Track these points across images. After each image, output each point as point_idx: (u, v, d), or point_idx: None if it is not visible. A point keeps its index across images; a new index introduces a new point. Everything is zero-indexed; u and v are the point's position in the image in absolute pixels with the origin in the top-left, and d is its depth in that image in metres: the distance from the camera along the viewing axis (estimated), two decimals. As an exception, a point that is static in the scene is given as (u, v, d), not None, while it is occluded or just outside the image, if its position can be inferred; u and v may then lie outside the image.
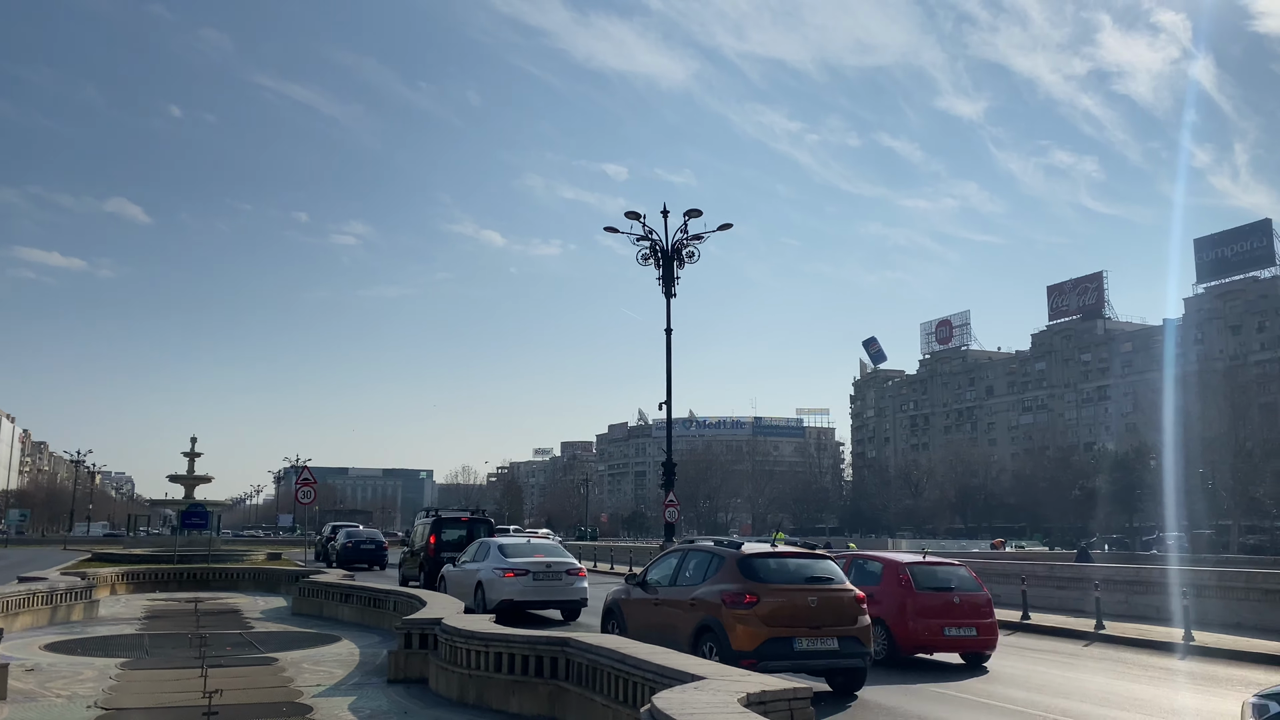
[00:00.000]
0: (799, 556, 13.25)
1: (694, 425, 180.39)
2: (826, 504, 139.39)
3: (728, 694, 6.71)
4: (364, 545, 40.16)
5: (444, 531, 26.29)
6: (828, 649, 11.94)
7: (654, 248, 28.51)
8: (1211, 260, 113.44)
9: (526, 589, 19.60)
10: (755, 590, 12.04)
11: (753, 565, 12.52)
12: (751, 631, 11.78)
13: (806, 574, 12.65)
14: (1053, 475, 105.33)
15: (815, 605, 12.09)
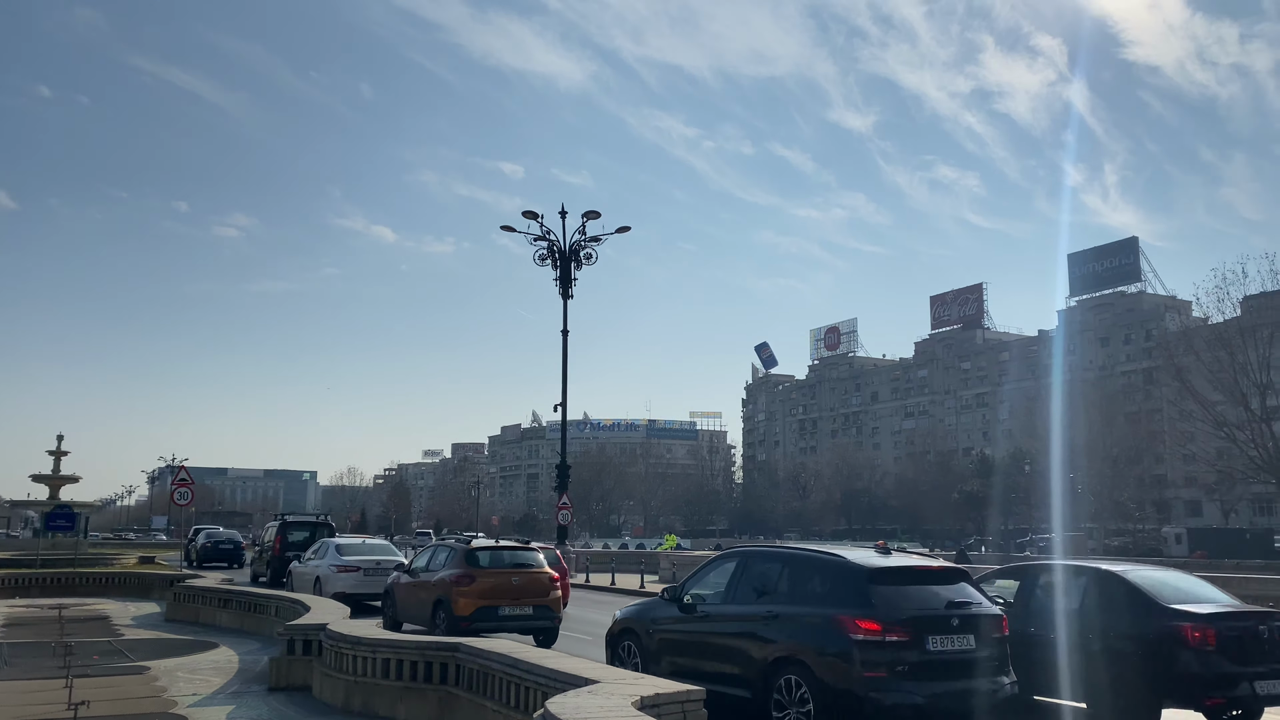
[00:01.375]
0: (512, 549, 18.26)
1: (588, 427, 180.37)
2: (718, 506, 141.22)
3: (621, 697, 6.69)
4: (222, 545, 43.36)
5: (289, 534, 29.54)
6: (525, 614, 16.51)
7: (552, 248, 28.39)
8: (1084, 275, 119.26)
9: (358, 583, 22.00)
10: (474, 573, 16.45)
11: (474, 555, 17.09)
12: (468, 602, 16.02)
13: (514, 561, 17.33)
14: (933, 479, 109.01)
15: (518, 583, 16.65)
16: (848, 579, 9.67)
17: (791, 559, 10.65)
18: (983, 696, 9.24)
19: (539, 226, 28.28)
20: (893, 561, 10.17)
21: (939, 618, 9.33)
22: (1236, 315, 56.32)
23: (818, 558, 10.43)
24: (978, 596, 9.94)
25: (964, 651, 9.29)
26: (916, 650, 9.02)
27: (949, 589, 9.77)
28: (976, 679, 9.28)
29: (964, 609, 9.53)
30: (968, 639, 9.33)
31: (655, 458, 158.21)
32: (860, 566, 9.73)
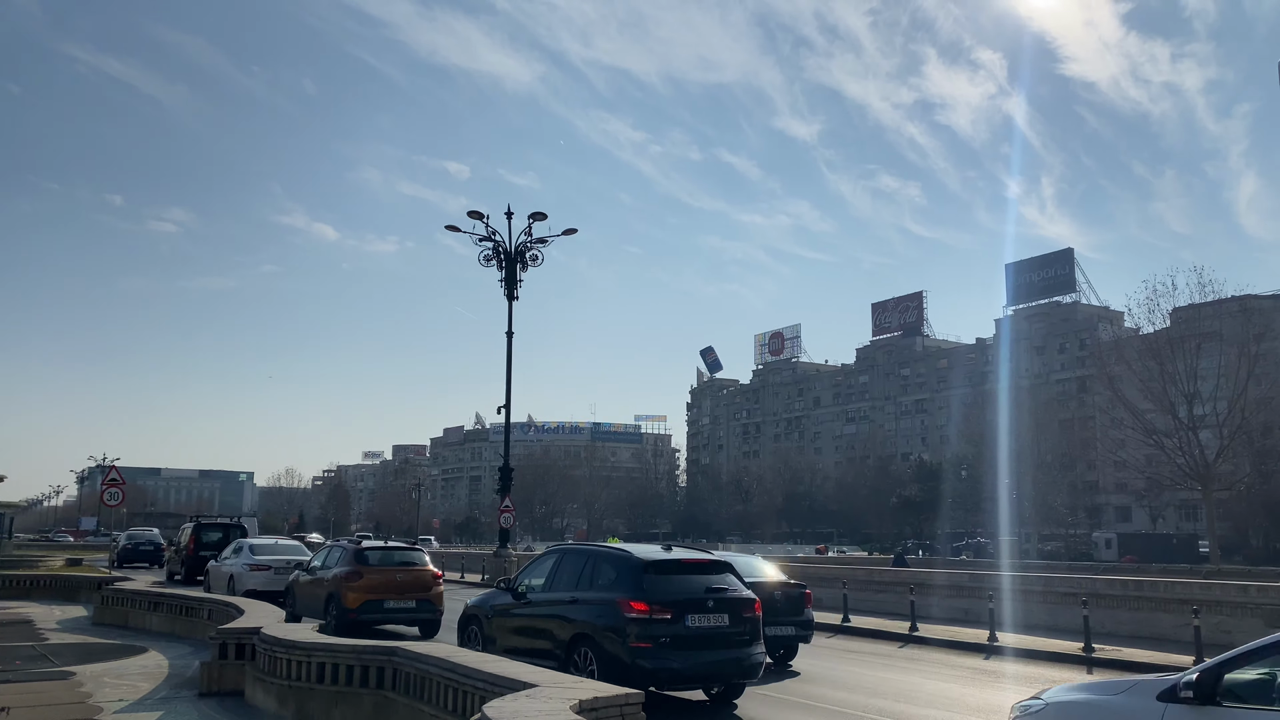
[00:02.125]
0: (398, 549, 20.38)
1: (532, 430, 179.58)
2: (661, 509, 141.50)
3: (560, 701, 6.67)
4: (143, 546, 44.85)
5: (203, 535, 31.15)
6: (408, 607, 18.22)
7: (497, 249, 28.22)
8: (1021, 285, 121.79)
9: (269, 580, 23.07)
10: (362, 570, 18.18)
11: (363, 554, 18.84)
12: (356, 596, 17.72)
13: (399, 560, 19.22)
14: (873, 483, 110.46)
15: (402, 579, 18.40)
16: (627, 570, 11.72)
17: (593, 554, 12.67)
18: (733, 664, 11.43)
19: (484, 227, 28.11)
20: (666, 555, 12.19)
21: (698, 600, 11.42)
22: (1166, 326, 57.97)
23: (610, 553, 12.55)
24: (736, 584, 11.99)
25: (719, 627, 11.39)
26: (678, 626, 11.11)
27: (712, 578, 11.88)
28: (729, 650, 11.41)
29: (720, 593, 11.63)
30: (722, 617, 11.44)
31: (600, 461, 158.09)
32: (638, 560, 11.80)
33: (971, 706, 12.69)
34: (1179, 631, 18.31)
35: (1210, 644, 16.76)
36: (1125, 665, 16.59)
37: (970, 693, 13.92)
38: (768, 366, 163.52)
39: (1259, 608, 18.48)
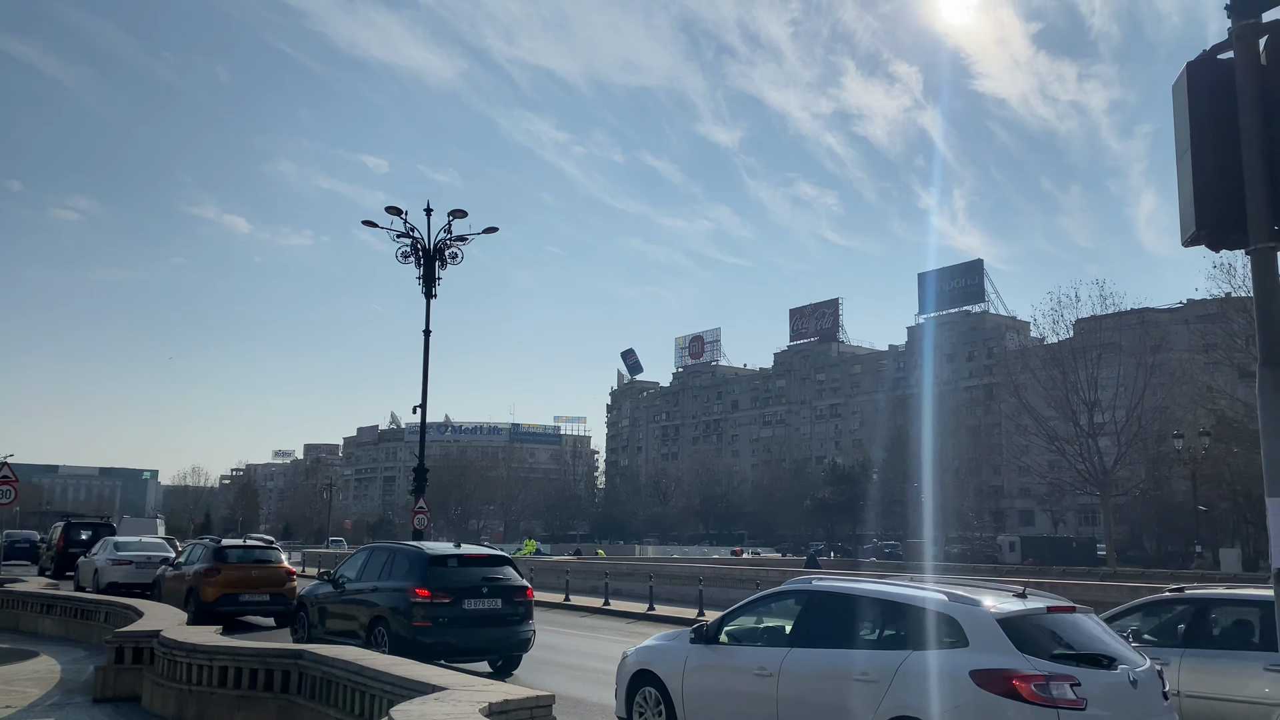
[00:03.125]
0: (255, 548, 22.69)
1: (449, 430, 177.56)
2: (579, 511, 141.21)
3: (469, 704, 6.60)
4: (19, 544, 46.83)
5: (73, 533, 33.91)
6: (262, 600, 20.29)
7: (415, 246, 27.80)
8: (931, 293, 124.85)
9: (130, 574, 25.40)
10: (220, 567, 20.20)
11: (222, 552, 21.03)
12: (213, 590, 19.67)
13: (255, 557, 21.31)
14: (788, 486, 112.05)
15: (257, 575, 20.44)
16: (416, 563, 14.15)
17: (393, 550, 15.30)
18: (505, 640, 14.10)
19: (402, 223, 27.67)
20: (452, 551, 14.85)
21: (474, 587, 14.01)
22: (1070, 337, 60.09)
23: (405, 548, 15.14)
24: (512, 575, 14.71)
25: (493, 610, 14.04)
26: (456, 609, 13.65)
27: (490, 569, 14.54)
28: (502, 628, 14.07)
29: (495, 582, 14.29)
30: (496, 602, 14.09)
31: (518, 462, 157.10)
32: (426, 554, 14.35)
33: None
34: (1076, 631, 18.92)
35: (1105, 643, 17.40)
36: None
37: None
38: (688, 369, 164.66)
39: (1150, 608, 19.21)
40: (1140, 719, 7.23)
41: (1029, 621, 7.51)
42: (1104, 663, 7.34)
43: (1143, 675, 7.44)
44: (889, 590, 8.41)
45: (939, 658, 7.42)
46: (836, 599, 8.60)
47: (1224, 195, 4.88)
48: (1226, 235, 4.97)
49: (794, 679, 8.21)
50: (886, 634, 8.01)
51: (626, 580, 32.70)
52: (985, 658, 7.17)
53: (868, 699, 7.58)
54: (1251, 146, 4.78)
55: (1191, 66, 5.12)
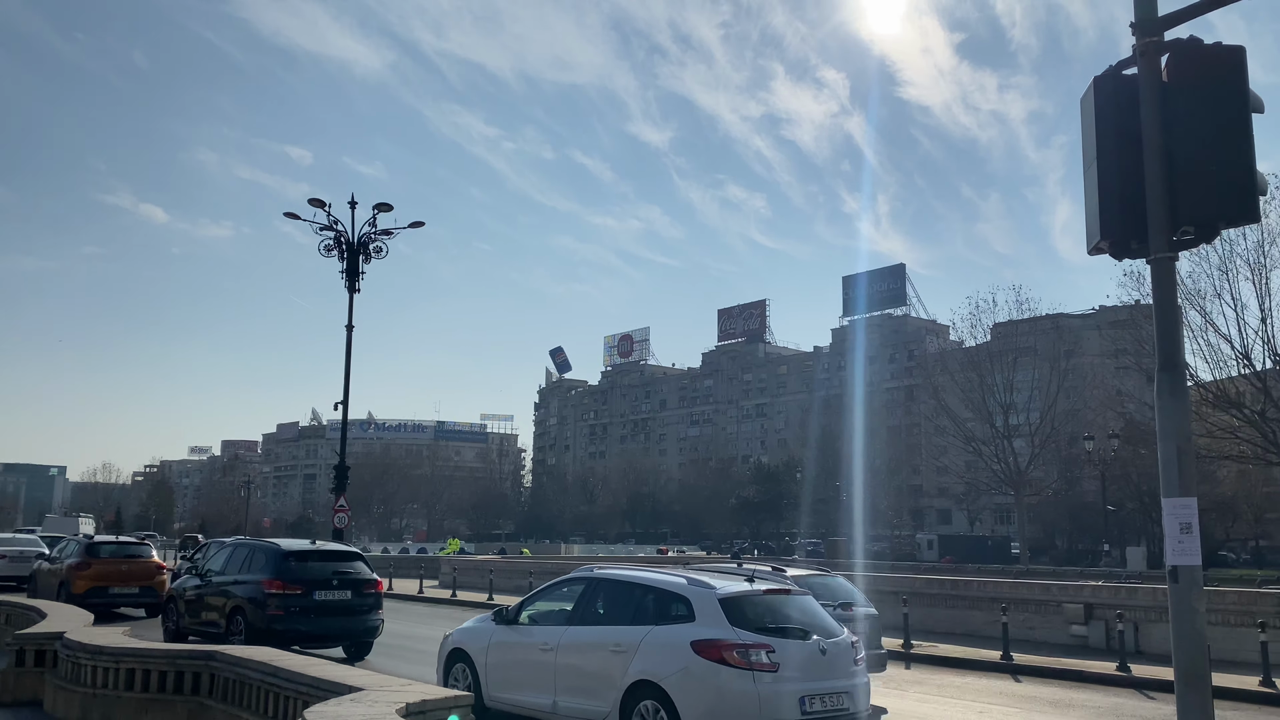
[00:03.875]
0: (126, 544, 24.20)
1: (373, 427, 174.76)
2: (505, 510, 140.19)
3: (386, 704, 6.52)
4: None
5: None
6: (131, 592, 21.78)
7: (339, 239, 27.34)
8: (855, 296, 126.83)
9: (5, 568, 26.56)
10: (90, 561, 21.65)
11: (94, 547, 22.55)
12: (84, 583, 21.01)
13: (126, 553, 22.82)
14: (714, 485, 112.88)
15: (126, 569, 21.91)
16: (272, 558, 15.60)
17: (254, 546, 16.87)
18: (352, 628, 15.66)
19: (326, 215, 27.18)
20: (307, 547, 16.67)
21: (325, 580, 15.45)
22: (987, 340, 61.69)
23: (263, 545, 16.69)
24: (361, 568, 16.24)
25: (342, 600, 15.52)
26: (307, 599, 15.11)
27: (342, 564, 16.09)
28: (352, 617, 15.60)
29: (346, 575, 15.76)
30: (346, 593, 15.58)
31: (442, 460, 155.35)
32: (281, 549, 15.87)
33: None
34: (989, 628, 19.48)
35: (1016, 639, 17.94)
36: (940, 661, 17.55)
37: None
38: (616, 368, 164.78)
39: (1059, 605, 19.87)
40: (825, 678, 9.00)
41: (746, 601, 9.26)
42: (799, 634, 9.12)
43: (833, 645, 9.22)
44: (646, 576, 10.22)
45: (672, 631, 9.16)
46: (607, 584, 10.30)
47: (1126, 206, 5.06)
48: (1128, 244, 5.16)
49: (568, 651, 9.91)
50: (639, 612, 9.70)
51: (543, 579, 32.54)
52: (704, 630, 8.91)
53: (620, 666, 9.27)
54: (1152, 159, 4.97)
55: (1098, 81, 5.31)
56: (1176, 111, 4.99)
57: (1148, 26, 5.20)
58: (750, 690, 8.54)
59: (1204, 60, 5.02)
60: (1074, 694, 14.26)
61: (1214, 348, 40.01)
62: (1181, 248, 5.10)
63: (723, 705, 8.61)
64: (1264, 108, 5.07)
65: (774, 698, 8.59)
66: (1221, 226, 5.06)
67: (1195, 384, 42.29)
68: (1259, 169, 4.98)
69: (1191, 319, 40.17)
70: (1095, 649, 18.40)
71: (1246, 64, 5.02)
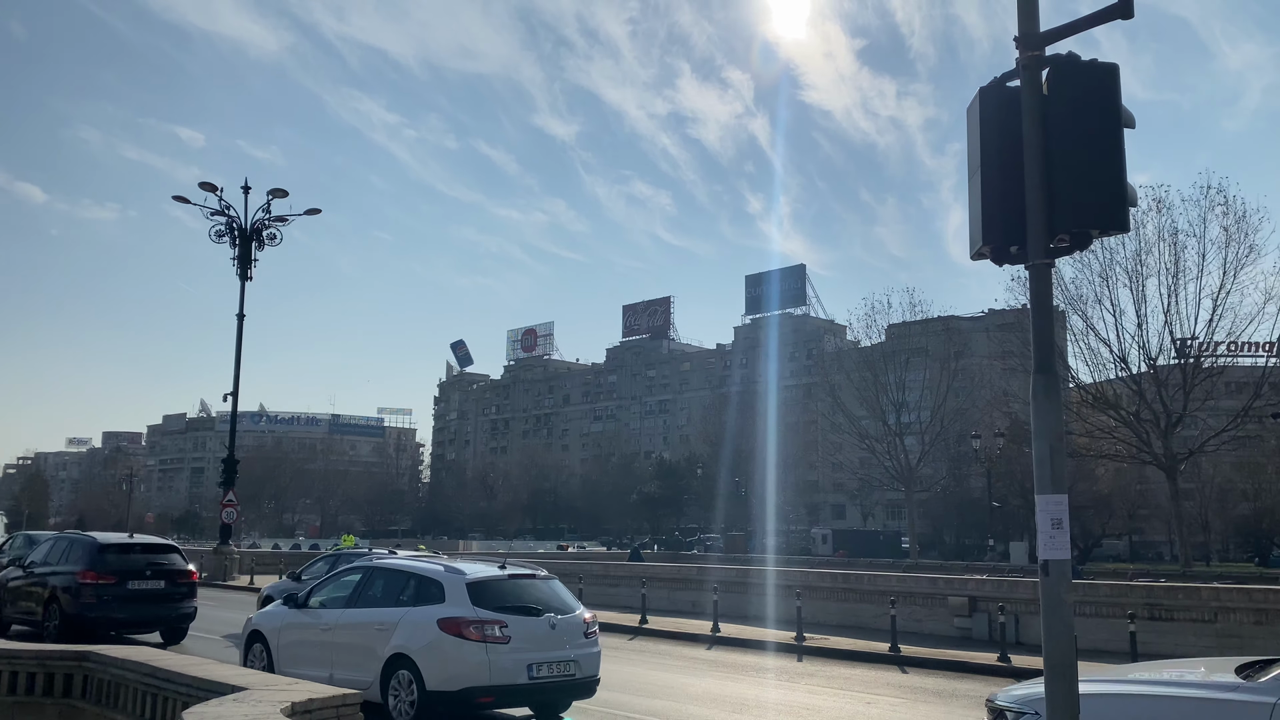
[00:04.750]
0: None
1: (264, 420, 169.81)
2: (402, 505, 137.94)
3: (270, 704, 6.35)
4: None
5: None
6: None
7: (231, 225, 26.50)
8: (758, 295, 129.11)
9: None
10: None
11: None
12: None
13: None
14: (616, 481, 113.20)
15: None
16: (89, 550, 16.90)
17: (73, 539, 18.23)
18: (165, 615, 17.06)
19: (218, 200, 26.32)
20: (123, 540, 17.99)
21: (138, 570, 16.83)
22: (882, 341, 63.39)
23: (82, 538, 18.02)
24: (175, 560, 17.69)
25: (155, 589, 16.87)
26: (120, 588, 16.42)
27: (157, 556, 17.58)
28: (164, 605, 16.98)
29: (159, 566, 17.17)
30: (159, 582, 16.95)
31: (338, 454, 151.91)
32: (97, 543, 17.14)
33: (693, 694, 13.27)
34: (879, 620, 20.03)
35: (905, 631, 18.50)
36: (831, 653, 17.97)
37: (689, 680, 14.56)
38: (519, 363, 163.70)
39: (944, 599, 20.54)
40: (554, 649, 10.58)
41: (490, 585, 10.87)
42: (533, 612, 10.75)
43: (564, 621, 10.86)
44: (410, 565, 11.89)
45: (425, 611, 10.64)
46: (380, 571, 11.88)
47: (1007, 213, 5.26)
48: (1008, 250, 5.36)
49: (343, 630, 11.42)
50: (402, 596, 11.17)
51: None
52: (450, 610, 10.45)
53: (381, 641, 10.77)
54: (1032, 169, 5.18)
55: (983, 92, 5.50)
56: (1055, 124, 5.20)
57: (1030, 41, 5.40)
58: (483, 659, 10.17)
59: (1081, 75, 5.24)
60: (957, 684, 14.77)
61: (1094, 351, 41.91)
62: (1058, 254, 5.31)
63: (460, 671, 10.18)
64: (1135, 123, 5.33)
65: (504, 665, 10.24)
66: (1095, 235, 5.29)
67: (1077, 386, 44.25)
68: (1130, 181, 5.23)
69: (1074, 323, 42.00)
70: (979, 640, 19.07)
71: (1119, 81, 5.27)
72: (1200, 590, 18.83)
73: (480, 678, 10.15)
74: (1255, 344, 43.00)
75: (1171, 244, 39.28)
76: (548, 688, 10.63)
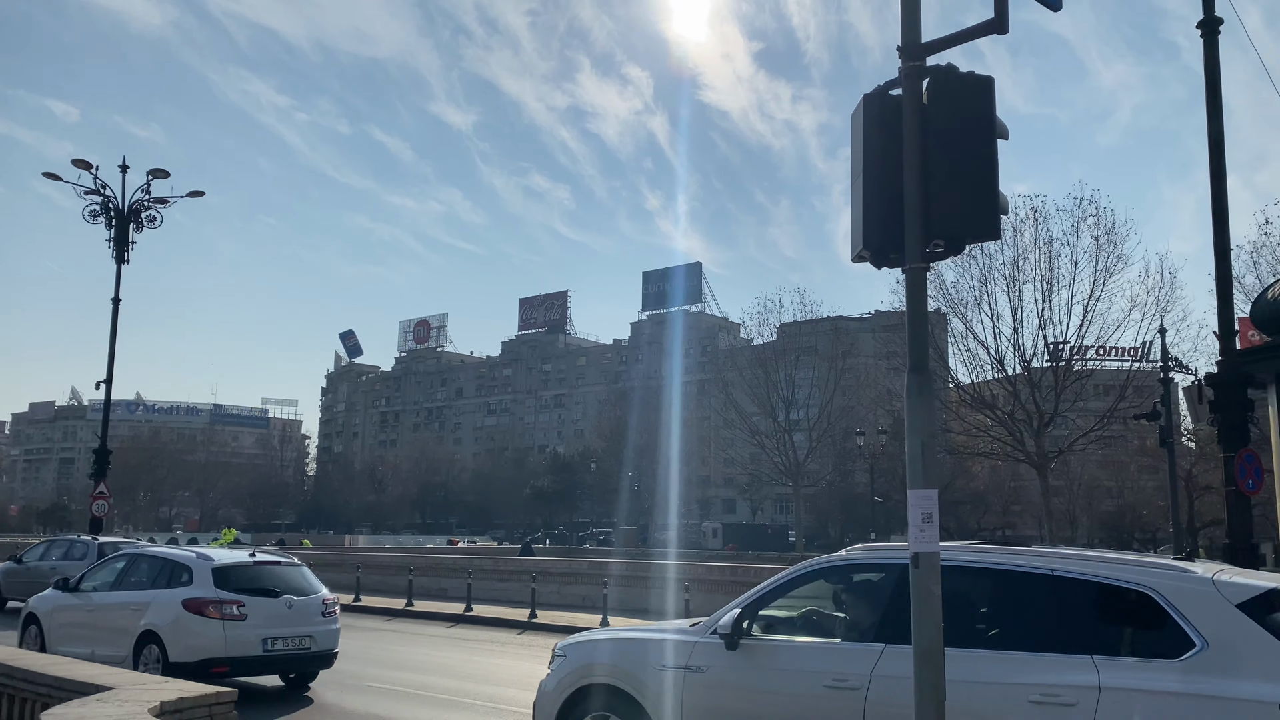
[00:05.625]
0: None
1: (141, 409, 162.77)
2: (287, 499, 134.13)
3: (137, 704, 6.11)
4: None
5: None
6: None
7: (107, 205, 25.31)
8: (655, 292, 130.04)
9: None
10: None
11: None
12: None
13: None
14: (509, 475, 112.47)
15: None
16: None
17: None
18: None
19: (93, 178, 25.08)
20: None
21: None
22: (774, 339, 64.62)
23: None
24: None
25: None
26: None
27: None
28: None
29: None
30: None
31: (219, 445, 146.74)
32: None
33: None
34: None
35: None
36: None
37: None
38: (412, 354, 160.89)
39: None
40: (290, 625, 12.15)
41: (234, 569, 12.43)
42: (271, 593, 12.29)
43: (301, 601, 12.43)
44: (168, 551, 13.82)
45: (173, 593, 12.09)
46: (143, 558, 13.37)
47: (886, 219, 5.45)
48: (887, 255, 5.55)
49: (104, 611, 12.79)
50: (157, 579, 12.59)
51: (333, 571, 31.49)
52: (194, 591, 11.98)
53: (135, 620, 12.19)
54: (910, 176, 5.37)
55: (866, 99, 5.68)
56: (933, 133, 5.40)
57: (912, 51, 5.59)
58: (220, 634, 11.74)
59: (959, 87, 5.45)
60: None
61: (973, 353, 43.51)
62: (933, 259, 5.52)
63: (199, 644, 11.69)
64: (1008, 134, 5.58)
65: (240, 638, 11.81)
66: (968, 241, 5.52)
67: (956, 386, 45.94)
68: (1010, 191, 5.47)
69: (955, 326, 43.57)
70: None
71: (994, 93, 5.51)
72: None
73: (217, 650, 11.70)
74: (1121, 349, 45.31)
75: (1047, 252, 41.06)
76: (282, 658, 12.24)
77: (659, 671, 6.65)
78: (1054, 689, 5.19)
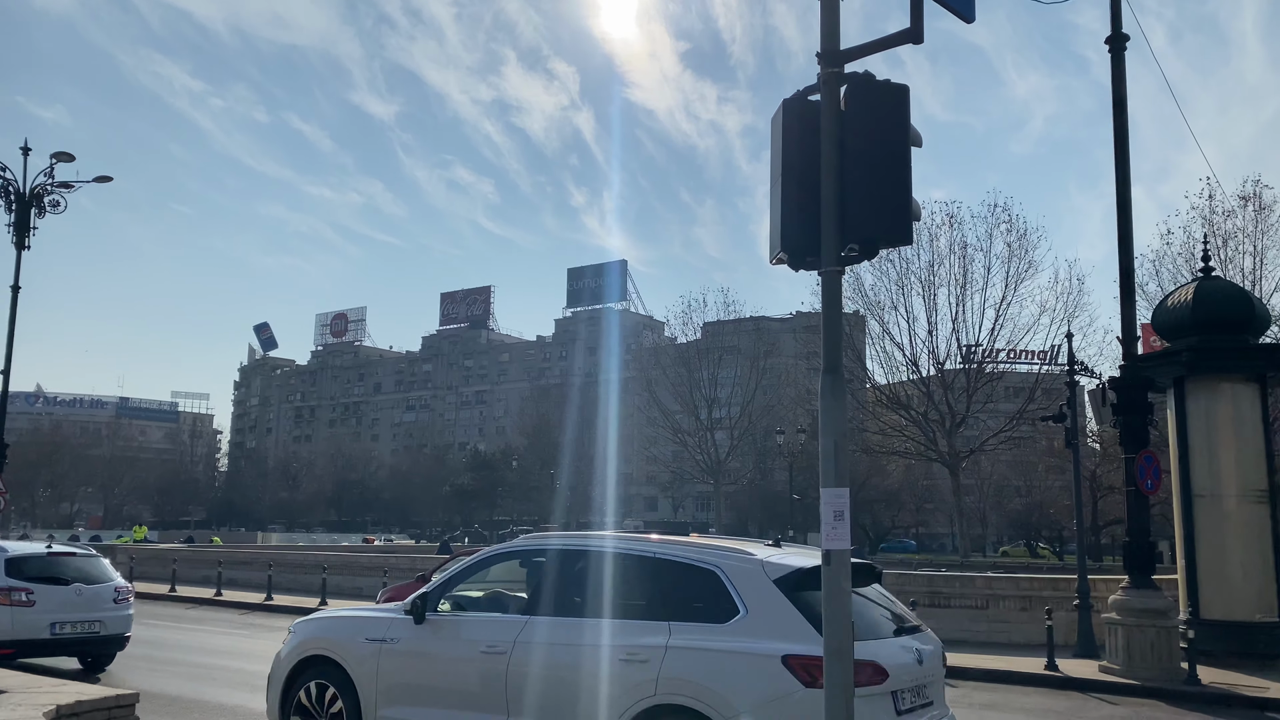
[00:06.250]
0: None
1: (41, 401, 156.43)
2: (197, 496, 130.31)
3: (31, 707, 5.89)
4: None
5: None
6: None
7: (7, 188, 24.26)
8: (579, 289, 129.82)
9: None
10: None
11: None
12: None
13: None
14: (428, 472, 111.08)
15: None
16: None
17: None
18: None
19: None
20: None
21: None
22: (697, 338, 65.09)
23: None
24: None
25: None
26: None
27: None
28: None
29: None
30: None
31: (126, 440, 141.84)
32: None
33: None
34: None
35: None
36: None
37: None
38: (328, 348, 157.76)
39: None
40: (79, 612, 13.09)
41: (28, 559, 13.40)
42: (61, 582, 13.29)
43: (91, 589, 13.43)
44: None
45: None
46: None
47: (803, 222, 5.54)
48: (804, 258, 5.64)
49: None
50: None
51: (244, 569, 30.84)
52: None
53: None
54: (827, 181, 5.47)
55: (786, 104, 5.75)
56: (849, 138, 5.50)
57: (831, 58, 5.69)
58: (8, 619, 12.59)
59: (875, 94, 5.56)
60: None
61: (889, 354, 44.52)
62: (848, 263, 5.63)
63: None
64: (922, 142, 5.71)
65: (27, 623, 12.71)
66: (881, 246, 5.64)
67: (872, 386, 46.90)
68: (926, 197, 5.60)
69: (872, 327, 44.49)
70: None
71: (909, 101, 5.63)
72: (975, 579, 20.39)
73: (4, 633, 12.54)
74: (1031, 352, 46.85)
75: (961, 257, 42.27)
76: (71, 641, 13.16)
77: (361, 644, 7.72)
78: (636, 649, 6.46)
